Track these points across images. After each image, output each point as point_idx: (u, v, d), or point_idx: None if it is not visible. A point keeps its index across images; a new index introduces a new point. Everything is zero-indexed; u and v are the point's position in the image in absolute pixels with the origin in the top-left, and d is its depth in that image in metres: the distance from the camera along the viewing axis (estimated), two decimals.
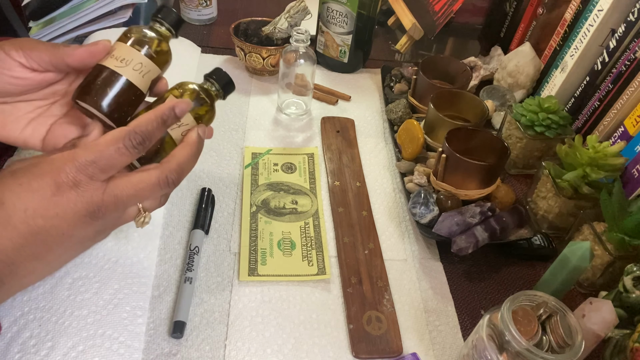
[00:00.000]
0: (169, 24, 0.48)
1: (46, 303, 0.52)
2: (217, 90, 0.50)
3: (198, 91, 0.48)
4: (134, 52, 0.45)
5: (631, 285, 0.53)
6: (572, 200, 0.65)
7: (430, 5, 0.93)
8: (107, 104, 0.44)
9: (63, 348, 0.49)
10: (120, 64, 0.44)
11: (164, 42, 0.47)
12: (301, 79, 0.79)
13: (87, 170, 0.39)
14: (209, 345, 0.52)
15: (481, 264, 0.65)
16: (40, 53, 0.45)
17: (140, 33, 0.46)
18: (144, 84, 0.46)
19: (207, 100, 0.48)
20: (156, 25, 0.48)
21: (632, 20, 0.70)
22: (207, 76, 0.50)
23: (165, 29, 0.48)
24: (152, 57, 0.46)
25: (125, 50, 0.45)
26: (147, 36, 0.46)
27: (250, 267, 0.59)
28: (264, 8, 1.10)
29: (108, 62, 0.44)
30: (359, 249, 0.63)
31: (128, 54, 0.45)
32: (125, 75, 0.44)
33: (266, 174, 0.72)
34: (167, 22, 0.47)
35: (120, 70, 0.44)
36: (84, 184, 0.39)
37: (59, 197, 0.39)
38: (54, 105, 0.49)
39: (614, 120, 0.71)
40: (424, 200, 0.64)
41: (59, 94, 0.49)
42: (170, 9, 0.48)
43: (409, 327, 0.56)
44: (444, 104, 0.74)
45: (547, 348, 0.44)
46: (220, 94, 0.50)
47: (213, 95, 0.49)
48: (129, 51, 0.45)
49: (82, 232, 0.41)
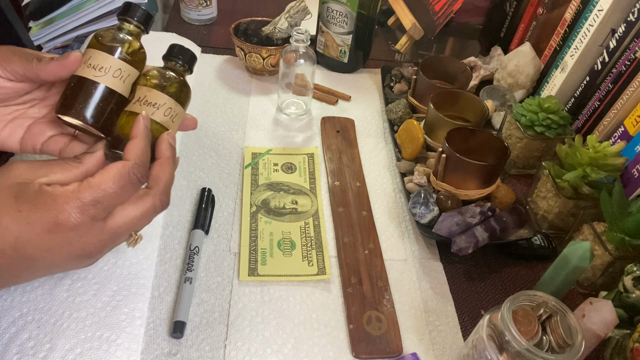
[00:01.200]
0: (137, 21, 0.46)
1: (45, 304, 0.52)
2: (181, 66, 0.48)
3: (163, 72, 0.47)
4: (110, 58, 0.44)
5: (631, 285, 0.53)
6: (572, 200, 0.65)
7: (430, 5, 0.93)
8: (91, 115, 0.43)
9: (61, 350, 0.49)
10: (98, 72, 0.43)
11: (136, 41, 0.46)
12: (301, 79, 0.79)
13: (90, 212, 0.39)
14: (209, 345, 0.52)
15: (481, 264, 0.65)
16: (15, 66, 0.44)
17: (111, 36, 0.45)
18: (125, 89, 0.45)
19: (176, 76, 0.47)
20: (124, 24, 0.46)
21: (632, 20, 0.70)
22: (165, 57, 0.48)
23: (135, 27, 0.46)
24: (128, 60, 0.44)
25: (101, 57, 0.43)
26: (119, 39, 0.45)
27: (250, 267, 0.59)
28: (264, 8, 1.10)
29: (86, 72, 0.43)
30: (359, 249, 0.63)
31: (105, 61, 0.43)
32: (105, 83, 0.43)
33: (266, 174, 0.72)
34: (135, 19, 0.46)
35: (100, 79, 0.43)
36: (85, 226, 0.39)
37: (55, 235, 0.38)
38: (32, 108, 0.48)
39: (614, 120, 0.71)
40: (424, 200, 0.64)
41: (38, 99, 0.48)
42: (136, 5, 0.46)
43: (409, 327, 0.56)
44: (444, 104, 0.74)
45: (547, 348, 0.44)
46: (186, 68, 0.48)
47: (180, 71, 0.48)
48: (105, 58, 0.43)
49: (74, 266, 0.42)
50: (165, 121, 0.45)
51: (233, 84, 0.88)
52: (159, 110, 0.45)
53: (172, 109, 0.46)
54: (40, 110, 0.48)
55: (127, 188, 0.41)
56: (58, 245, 0.39)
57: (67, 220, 0.38)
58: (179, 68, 0.48)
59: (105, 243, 0.41)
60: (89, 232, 0.39)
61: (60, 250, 0.39)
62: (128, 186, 0.41)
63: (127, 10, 0.46)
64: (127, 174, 0.40)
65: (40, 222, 0.38)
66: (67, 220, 0.38)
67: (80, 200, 0.38)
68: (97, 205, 0.39)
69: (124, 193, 0.41)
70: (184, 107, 0.48)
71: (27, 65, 0.44)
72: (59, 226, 0.38)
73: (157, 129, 0.45)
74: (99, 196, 0.39)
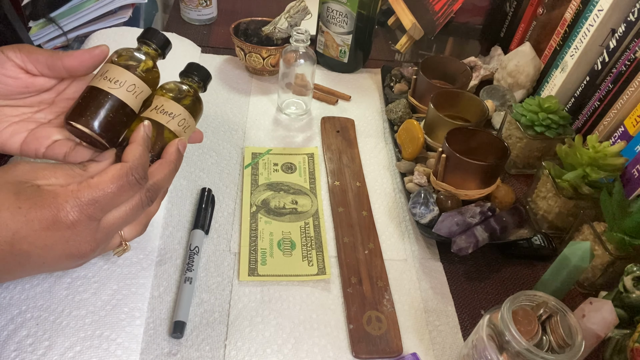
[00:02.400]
0: (156, 45, 0.49)
1: (44, 302, 0.52)
2: (197, 82, 0.51)
3: (180, 85, 0.50)
4: (127, 73, 0.45)
5: (631, 285, 0.53)
6: (572, 200, 0.65)
7: (430, 5, 0.93)
8: (100, 124, 0.44)
9: (60, 348, 0.49)
10: (113, 85, 0.45)
11: (151, 61, 0.48)
12: (301, 79, 0.79)
13: (88, 210, 0.39)
14: (209, 345, 0.52)
15: (481, 264, 0.65)
16: (38, 55, 0.45)
17: (130, 54, 0.47)
18: (136, 104, 0.46)
19: (191, 90, 0.50)
20: (144, 46, 0.48)
21: (632, 20, 0.70)
22: (183, 73, 0.51)
23: (153, 50, 0.49)
24: (143, 78, 0.46)
25: (118, 71, 0.45)
26: (137, 58, 0.47)
27: (250, 267, 0.59)
28: (264, 8, 1.10)
29: (101, 83, 0.45)
30: (359, 249, 0.63)
31: (121, 76, 0.45)
32: (119, 96, 0.45)
33: (266, 174, 0.72)
34: (154, 43, 0.48)
35: (114, 91, 0.44)
36: (82, 225, 0.39)
37: (53, 232, 0.38)
38: (39, 113, 0.48)
39: (614, 120, 0.71)
40: (424, 200, 0.64)
41: (46, 103, 0.48)
42: (156, 30, 0.49)
43: (409, 327, 0.56)
44: (444, 104, 0.74)
45: (547, 348, 0.43)
46: (200, 85, 0.52)
47: (195, 87, 0.51)
48: (121, 72, 0.45)
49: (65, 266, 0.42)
50: (178, 130, 0.48)
51: (233, 84, 0.88)
52: (173, 119, 0.47)
53: (185, 120, 0.48)
54: (47, 116, 0.48)
55: (126, 189, 0.41)
56: (54, 242, 0.39)
57: (65, 218, 0.38)
58: (194, 84, 0.51)
59: (99, 242, 0.42)
60: (85, 230, 0.40)
61: (55, 248, 0.39)
62: (126, 187, 0.41)
63: (147, 33, 0.49)
64: (126, 174, 0.41)
65: (39, 219, 0.38)
66: (66, 218, 0.38)
67: (79, 199, 0.39)
68: (95, 204, 0.39)
69: (122, 194, 0.41)
70: (196, 120, 0.50)
71: (52, 54, 0.45)
72: (57, 224, 0.38)
73: (170, 137, 0.47)
74: (98, 196, 0.39)
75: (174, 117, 0.47)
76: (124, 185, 0.41)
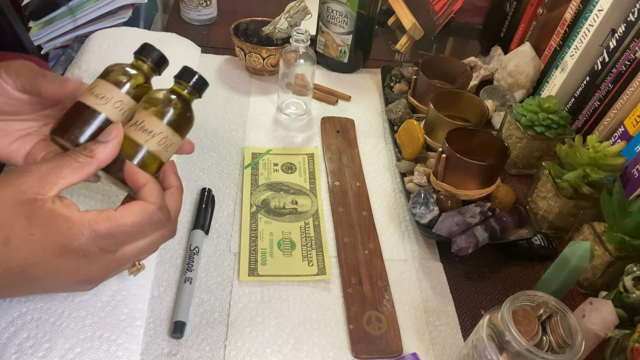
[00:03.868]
0: (151, 62, 0.46)
1: (44, 304, 0.52)
2: (190, 91, 0.46)
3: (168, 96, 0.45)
4: (114, 89, 0.44)
5: (631, 285, 0.53)
6: (572, 200, 0.65)
7: (430, 5, 0.93)
8: (84, 140, 0.42)
9: (60, 350, 0.48)
10: (100, 101, 0.43)
11: (142, 78, 0.46)
12: (301, 79, 0.79)
13: (102, 243, 0.38)
14: (209, 345, 0.52)
15: (481, 264, 0.65)
16: (22, 79, 0.44)
17: (121, 70, 0.45)
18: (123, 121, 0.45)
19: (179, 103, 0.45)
20: (139, 62, 0.46)
21: (632, 20, 0.70)
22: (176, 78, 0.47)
23: (148, 67, 0.46)
24: (131, 94, 0.45)
25: (106, 87, 0.44)
26: (128, 73, 0.45)
27: (250, 267, 0.59)
28: (264, 8, 1.10)
29: (88, 99, 0.43)
30: (359, 249, 0.63)
31: (108, 92, 0.44)
32: (104, 112, 0.43)
33: (266, 174, 0.72)
34: (150, 59, 0.46)
35: (100, 107, 0.43)
36: (94, 256, 0.38)
37: (64, 260, 0.38)
38: (47, 127, 0.48)
39: (614, 120, 0.71)
40: (424, 200, 0.64)
41: (53, 117, 0.48)
42: (152, 47, 0.46)
43: (409, 327, 0.56)
44: (444, 104, 0.74)
45: (547, 348, 0.44)
46: (194, 93, 0.47)
47: (187, 98, 0.46)
48: (108, 89, 0.44)
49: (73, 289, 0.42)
50: (158, 150, 0.44)
51: (233, 84, 0.88)
52: (153, 138, 0.43)
53: (167, 139, 0.44)
54: None
55: (147, 229, 0.40)
56: (65, 270, 0.38)
57: (78, 249, 0.38)
58: (186, 94, 0.46)
59: (111, 271, 0.41)
60: (98, 261, 0.39)
61: (66, 275, 0.39)
62: (147, 227, 0.40)
63: (142, 50, 0.46)
64: (149, 215, 0.40)
65: (52, 247, 0.37)
66: (79, 249, 0.38)
67: (95, 231, 0.38)
68: (110, 238, 0.39)
69: (141, 232, 0.40)
70: (183, 135, 0.46)
71: (33, 79, 0.45)
72: (70, 253, 0.38)
73: (148, 157, 0.43)
74: (115, 230, 0.38)
75: (154, 136, 0.43)
76: (146, 225, 0.40)
